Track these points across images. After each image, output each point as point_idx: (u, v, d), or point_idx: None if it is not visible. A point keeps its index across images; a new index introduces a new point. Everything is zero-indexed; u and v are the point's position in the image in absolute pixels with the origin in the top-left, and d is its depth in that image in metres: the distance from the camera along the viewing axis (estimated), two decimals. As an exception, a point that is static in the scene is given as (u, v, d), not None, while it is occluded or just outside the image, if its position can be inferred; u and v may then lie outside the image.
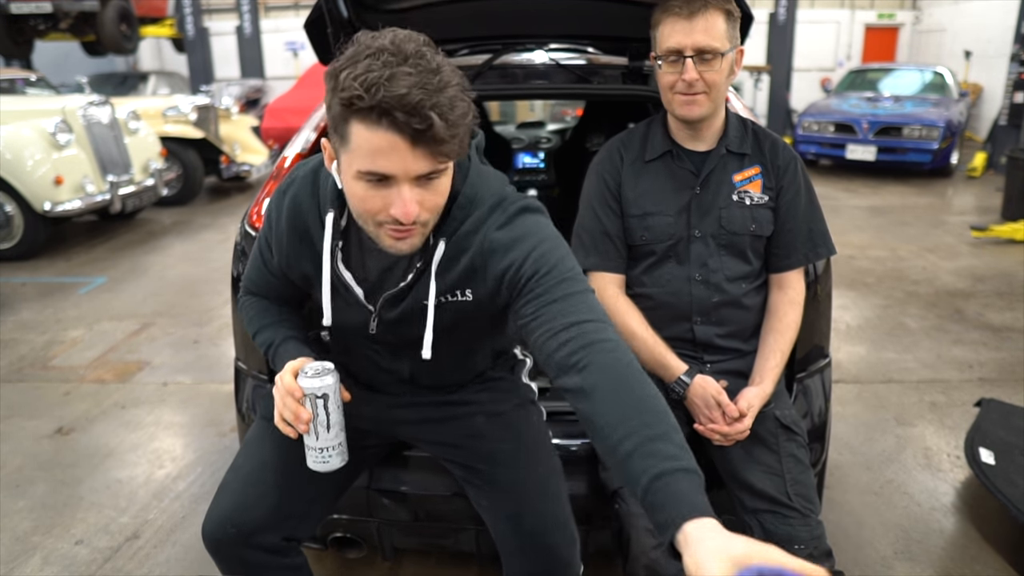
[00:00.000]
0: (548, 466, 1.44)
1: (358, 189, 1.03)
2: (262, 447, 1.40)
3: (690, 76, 1.48)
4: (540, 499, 1.39)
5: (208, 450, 2.78)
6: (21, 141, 5.39)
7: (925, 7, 15.71)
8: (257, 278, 1.39)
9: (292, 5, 16.47)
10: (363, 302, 1.23)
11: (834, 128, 8.77)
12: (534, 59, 2.23)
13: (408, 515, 1.68)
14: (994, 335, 3.83)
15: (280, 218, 1.25)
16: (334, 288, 1.22)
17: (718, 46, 1.47)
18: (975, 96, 12.04)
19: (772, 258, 1.66)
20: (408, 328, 1.23)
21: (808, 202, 1.64)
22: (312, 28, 1.92)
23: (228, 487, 1.38)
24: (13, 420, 3.04)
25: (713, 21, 1.46)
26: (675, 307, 1.63)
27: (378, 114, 0.95)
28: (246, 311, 1.41)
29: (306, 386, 1.16)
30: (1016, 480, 2.16)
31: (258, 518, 1.34)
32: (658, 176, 1.64)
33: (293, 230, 1.23)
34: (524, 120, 5.08)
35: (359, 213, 1.08)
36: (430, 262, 1.16)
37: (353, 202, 1.07)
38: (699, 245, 1.61)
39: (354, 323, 1.27)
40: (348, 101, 0.95)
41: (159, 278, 5.10)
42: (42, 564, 2.15)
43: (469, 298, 1.20)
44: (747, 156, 1.62)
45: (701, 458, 1.60)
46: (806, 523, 1.45)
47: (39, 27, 9.48)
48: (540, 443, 1.47)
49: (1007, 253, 5.41)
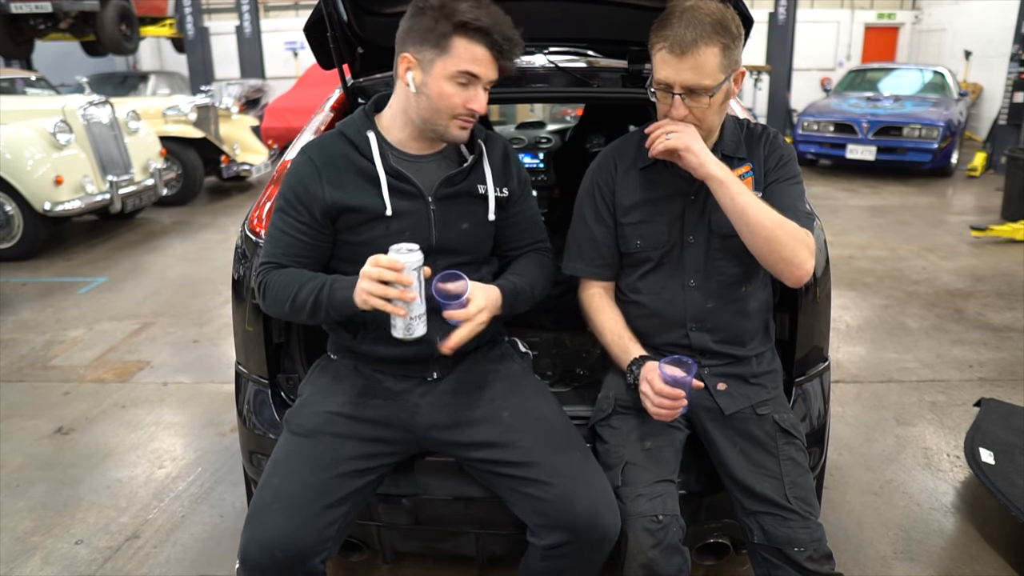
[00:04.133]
0: (571, 436, 1.54)
1: (447, 87, 1.38)
2: (300, 467, 1.41)
3: (677, 114, 1.46)
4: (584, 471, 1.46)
5: (208, 450, 2.78)
6: (21, 141, 5.39)
7: (925, 7, 15.71)
8: (287, 243, 1.45)
9: (292, 5, 16.47)
10: (418, 186, 1.46)
11: (834, 128, 8.77)
12: (534, 62, 2.24)
13: (409, 519, 1.68)
14: (994, 335, 3.84)
15: (313, 165, 1.45)
16: (390, 187, 1.44)
17: (708, 84, 1.43)
18: (975, 96, 12.05)
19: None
20: (463, 209, 1.51)
21: (799, 180, 1.61)
22: (312, 31, 1.92)
23: (269, 510, 1.37)
24: (13, 420, 3.04)
25: (704, 58, 1.41)
26: (669, 314, 1.62)
27: (483, 34, 1.35)
28: (277, 281, 1.43)
29: (407, 260, 1.28)
30: (1016, 480, 2.16)
31: (308, 543, 1.35)
32: (652, 183, 1.62)
33: (330, 165, 1.45)
34: (524, 121, 5.07)
35: (437, 108, 1.40)
36: (481, 156, 1.53)
37: (435, 99, 1.39)
38: (693, 252, 1.60)
39: (415, 222, 1.46)
40: (461, 22, 1.33)
41: (159, 278, 5.10)
42: (42, 564, 2.15)
43: (505, 194, 1.56)
44: (742, 159, 1.61)
45: (701, 461, 1.62)
46: (805, 525, 1.45)
47: (39, 27, 9.49)
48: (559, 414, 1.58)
49: (1007, 253, 5.41)
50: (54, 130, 5.53)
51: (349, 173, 1.45)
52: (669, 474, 1.50)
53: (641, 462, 1.50)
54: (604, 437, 1.59)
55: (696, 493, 1.64)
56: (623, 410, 1.60)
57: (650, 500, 1.43)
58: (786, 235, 1.45)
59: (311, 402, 1.53)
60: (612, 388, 1.65)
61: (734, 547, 1.72)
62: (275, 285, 1.43)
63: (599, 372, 1.97)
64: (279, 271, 1.45)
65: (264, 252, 1.50)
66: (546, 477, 1.42)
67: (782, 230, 1.45)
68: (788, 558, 1.44)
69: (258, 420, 1.78)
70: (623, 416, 1.59)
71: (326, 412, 1.48)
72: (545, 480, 1.41)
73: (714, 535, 1.70)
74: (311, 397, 1.55)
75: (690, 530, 1.69)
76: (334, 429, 1.46)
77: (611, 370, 1.70)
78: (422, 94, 1.41)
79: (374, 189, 1.44)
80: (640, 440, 1.54)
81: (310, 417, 1.49)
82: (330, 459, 1.43)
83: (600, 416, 1.62)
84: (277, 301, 1.44)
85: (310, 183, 1.44)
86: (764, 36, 11.84)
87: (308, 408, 1.52)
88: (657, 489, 1.45)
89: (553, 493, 1.40)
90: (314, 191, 1.44)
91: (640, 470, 1.48)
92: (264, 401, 1.78)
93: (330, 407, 1.49)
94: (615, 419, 1.59)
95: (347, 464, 1.44)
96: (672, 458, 1.54)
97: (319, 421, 1.47)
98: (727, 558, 1.78)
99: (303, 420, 1.49)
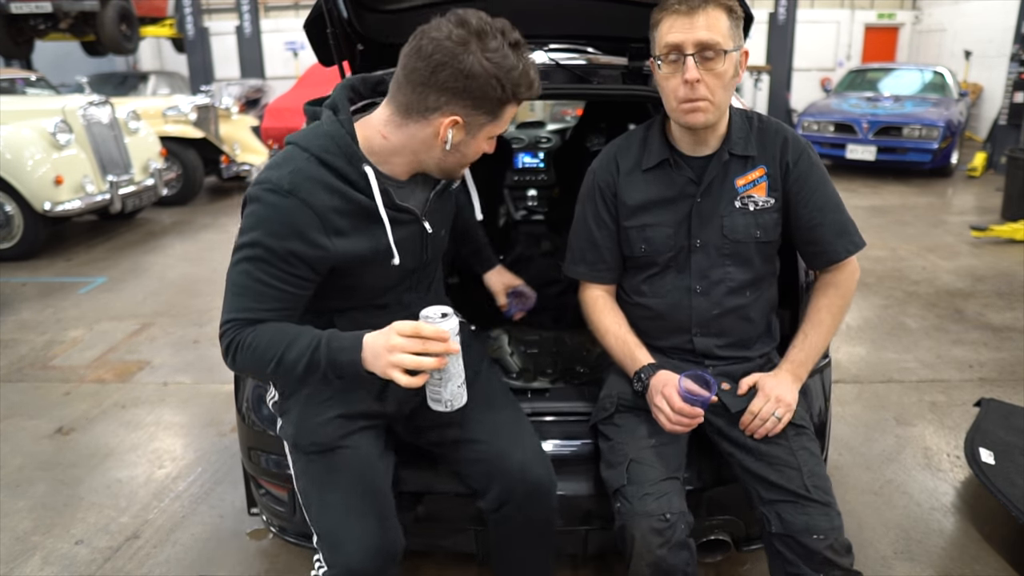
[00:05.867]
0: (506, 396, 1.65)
1: (485, 146, 1.33)
2: (347, 477, 1.44)
3: (691, 75, 1.39)
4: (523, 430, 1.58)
5: (208, 450, 2.78)
6: (21, 141, 5.38)
7: (925, 7, 15.70)
8: (266, 296, 1.27)
9: (292, 5, 16.47)
10: (414, 212, 1.37)
11: (834, 128, 8.76)
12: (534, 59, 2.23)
13: (408, 515, 1.68)
14: (994, 335, 3.83)
15: (309, 211, 1.25)
16: (391, 220, 1.32)
17: (720, 42, 1.39)
18: (975, 96, 12.03)
19: (809, 257, 1.61)
20: (443, 218, 1.48)
21: (830, 191, 1.58)
22: (312, 28, 1.92)
23: (349, 525, 1.39)
24: (13, 420, 3.04)
25: (715, 17, 1.38)
26: (674, 318, 1.60)
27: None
28: (254, 341, 1.25)
29: (449, 327, 1.19)
30: (1016, 480, 2.15)
31: (397, 538, 1.44)
32: (656, 185, 1.57)
33: (331, 211, 1.27)
34: (524, 120, 5.07)
35: (463, 163, 1.35)
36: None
37: (468, 156, 1.33)
38: (700, 255, 1.57)
39: (413, 247, 1.40)
40: (520, 95, 1.27)
41: (159, 278, 5.10)
42: (42, 564, 2.15)
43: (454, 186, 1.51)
44: (751, 158, 1.55)
45: (701, 457, 1.61)
46: (826, 513, 1.42)
47: (39, 27, 9.48)
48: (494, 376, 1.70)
49: (1007, 253, 5.41)
50: (54, 130, 5.53)
51: (349, 216, 1.29)
52: (675, 471, 1.50)
53: (646, 459, 1.49)
54: (608, 435, 1.58)
55: (697, 489, 1.63)
56: (626, 409, 1.59)
57: (657, 499, 1.43)
58: (841, 313, 1.58)
59: (305, 416, 1.48)
60: (614, 388, 1.64)
61: (735, 544, 1.72)
62: (252, 345, 1.24)
63: (599, 370, 1.97)
64: (255, 328, 1.25)
65: (230, 307, 1.27)
66: (485, 436, 1.52)
67: (839, 317, 1.59)
68: (806, 548, 1.40)
69: (257, 417, 1.78)
70: (626, 414, 1.59)
71: (327, 418, 1.47)
72: (484, 439, 1.52)
73: (715, 532, 1.70)
74: (302, 412, 1.48)
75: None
76: (344, 430, 1.47)
77: (612, 370, 1.69)
78: (457, 152, 1.31)
79: (378, 229, 1.32)
80: (646, 437, 1.53)
81: (318, 432, 1.46)
82: (362, 458, 1.46)
83: (603, 415, 1.62)
84: (256, 362, 1.24)
85: (310, 233, 1.25)
86: (764, 36, 11.84)
87: (308, 424, 1.48)
88: (663, 487, 1.45)
89: (489, 450, 1.51)
90: (318, 242, 1.26)
91: (646, 468, 1.48)
92: (262, 397, 1.78)
93: (327, 412, 1.47)
94: (618, 417, 1.59)
95: (375, 453, 1.49)
96: (677, 454, 1.54)
97: (331, 430, 1.46)
98: (728, 556, 1.78)
99: (315, 438, 1.46)
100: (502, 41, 1.21)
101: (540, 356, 2.22)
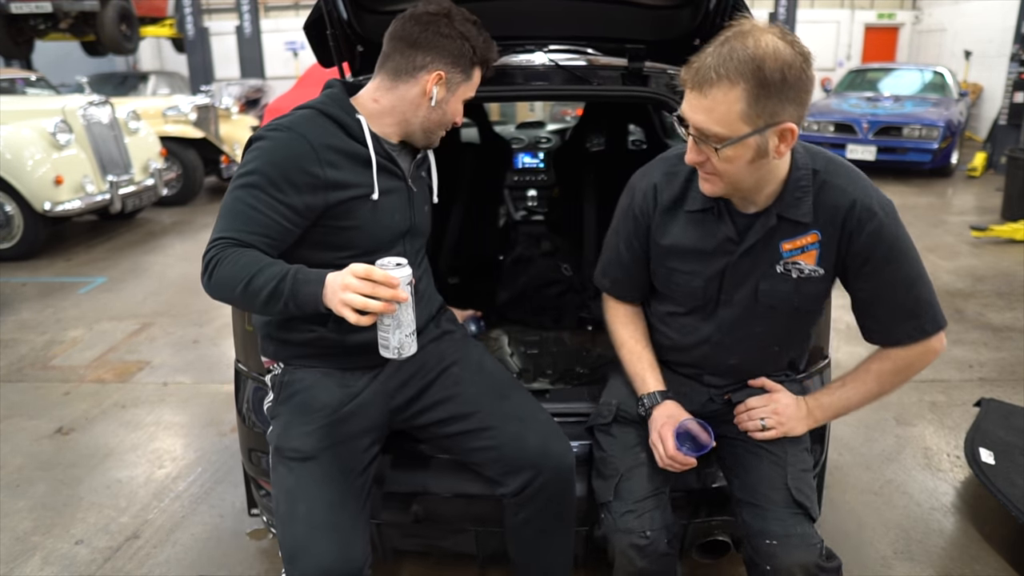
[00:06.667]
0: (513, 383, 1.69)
1: (459, 107, 1.51)
2: (319, 489, 1.42)
3: (688, 158, 1.29)
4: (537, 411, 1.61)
5: (208, 450, 2.78)
6: (21, 141, 5.39)
7: (925, 7, 15.71)
8: (257, 222, 1.32)
9: (292, 5, 16.47)
10: (401, 169, 1.50)
11: (834, 128, 8.76)
12: (533, 60, 2.24)
13: (407, 517, 1.68)
14: (994, 335, 3.83)
15: (307, 144, 1.37)
16: (379, 167, 1.45)
17: (718, 132, 1.20)
18: (975, 96, 12.04)
19: (865, 332, 1.46)
20: (424, 193, 1.59)
21: (904, 268, 1.36)
22: (312, 29, 1.92)
23: (310, 542, 1.38)
24: (13, 420, 3.04)
25: (720, 101, 1.18)
26: (691, 356, 1.54)
27: (491, 68, 1.55)
28: (233, 259, 1.28)
29: (399, 274, 1.24)
30: (1016, 480, 2.16)
31: (357, 558, 1.41)
32: (694, 231, 1.42)
33: (326, 146, 1.38)
34: (524, 120, 5.07)
35: (443, 122, 1.50)
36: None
37: (447, 115, 1.50)
38: (728, 311, 1.46)
39: (400, 204, 1.50)
40: (487, 60, 1.50)
41: (159, 278, 5.10)
42: (42, 564, 2.15)
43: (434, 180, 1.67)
44: (805, 224, 1.36)
45: (701, 458, 1.61)
46: (806, 524, 1.42)
47: (39, 27, 9.48)
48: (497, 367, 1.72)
49: (1007, 253, 5.41)
50: (54, 130, 5.53)
51: (342, 155, 1.41)
52: (662, 483, 1.50)
53: (636, 476, 1.48)
54: (602, 445, 1.57)
55: (696, 491, 1.63)
56: (624, 420, 1.57)
57: (638, 516, 1.43)
58: (892, 386, 1.47)
59: (293, 423, 1.49)
60: (616, 396, 1.61)
61: (735, 544, 1.72)
62: (230, 262, 1.28)
63: (599, 370, 1.97)
64: (239, 249, 1.30)
65: (221, 227, 1.33)
66: (496, 423, 1.54)
67: (888, 388, 1.47)
68: (780, 556, 1.37)
69: (257, 418, 1.78)
70: (623, 426, 1.57)
71: (314, 428, 1.46)
72: (496, 425, 1.53)
73: (715, 532, 1.70)
74: (291, 418, 1.50)
75: (691, 527, 1.69)
76: (328, 441, 1.46)
77: (618, 376, 1.65)
78: (440, 108, 1.48)
79: (365, 171, 1.44)
80: (638, 452, 1.52)
81: (302, 439, 1.46)
82: (338, 470, 1.45)
83: (600, 421, 1.60)
84: (228, 280, 1.28)
85: (306, 163, 1.35)
86: (764, 36, 11.82)
87: (294, 431, 1.48)
88: (647, 504, 1.45)
89: (504, 436, 1.53)
90: (312, 171, 1.35)
91: (633, 484, 1.47)
92: (263, 399, 1.78)
93: (315, 422, 1.47)
94: (615, 428, 1.57)
95: (354, 468, 1.48)
96: None
97: (313, 440, 1.46)
98: (727, 556, 1.78)
99: (296, 444, 1.46)
100: (465, 19, 1.47)
101: (540, 357, 2.23)
